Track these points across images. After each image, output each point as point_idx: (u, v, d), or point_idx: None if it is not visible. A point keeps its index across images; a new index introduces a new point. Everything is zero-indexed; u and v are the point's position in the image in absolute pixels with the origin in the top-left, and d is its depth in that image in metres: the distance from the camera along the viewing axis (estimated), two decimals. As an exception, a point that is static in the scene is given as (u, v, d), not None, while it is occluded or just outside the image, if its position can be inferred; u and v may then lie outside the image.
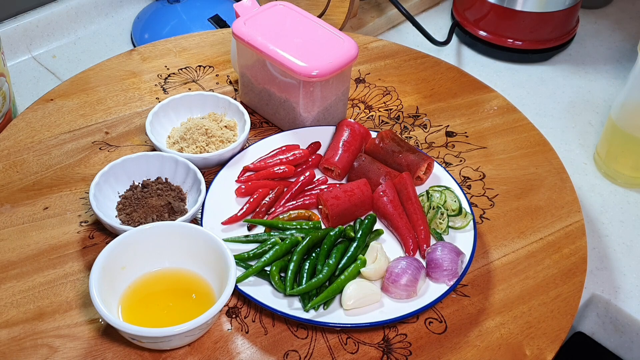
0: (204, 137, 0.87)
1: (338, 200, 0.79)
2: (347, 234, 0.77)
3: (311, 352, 0.70)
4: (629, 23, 1.28)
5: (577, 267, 0.79)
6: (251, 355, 0.70)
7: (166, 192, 0.82)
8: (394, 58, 1.07)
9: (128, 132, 0.93)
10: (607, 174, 0.97)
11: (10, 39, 1.12)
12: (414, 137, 0.94)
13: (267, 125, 0.95)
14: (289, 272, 0.73)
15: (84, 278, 0.76)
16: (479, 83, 1.03)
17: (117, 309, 0.70)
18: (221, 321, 0.73)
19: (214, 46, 1.07)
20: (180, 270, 0.74)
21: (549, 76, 1.15)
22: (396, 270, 0.73)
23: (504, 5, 1.12)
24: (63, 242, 0.79)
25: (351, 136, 0.87)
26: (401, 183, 0.81)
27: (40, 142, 0.91)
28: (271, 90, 0.91)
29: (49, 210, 0.82)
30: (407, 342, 0.71)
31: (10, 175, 0.86)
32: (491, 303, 0.75)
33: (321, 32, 0.89)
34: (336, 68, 0.85)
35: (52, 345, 0.70)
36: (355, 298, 0.72)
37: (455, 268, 0.74)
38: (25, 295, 0.74)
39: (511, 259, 0.80)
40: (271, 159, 0.86)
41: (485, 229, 0.83)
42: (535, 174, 0.90)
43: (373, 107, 0.99)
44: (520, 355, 0.71)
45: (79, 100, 0.97)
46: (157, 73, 1.02)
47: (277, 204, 0.82)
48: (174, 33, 1.13)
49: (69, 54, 1.17)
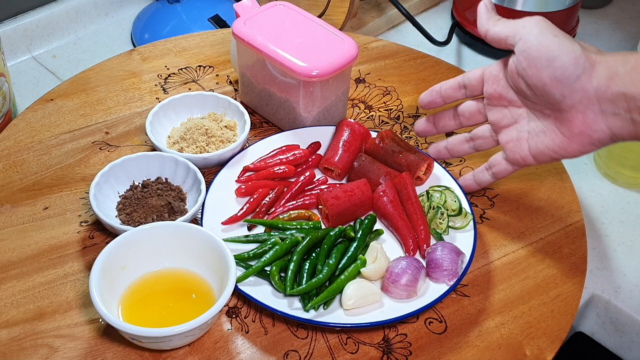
0: (204, 137, 0.88)
1: (338, 200, 0.79)
2: (347, 234, 0.77)
3: (311, 352, 0.70)
4: (629, 23, 1.28)
5: (577, 267, 0.79)
6: (251, 355, 0.70)
7: (166, 192, 0.82)
8: (394, 58, 1.07)
9: (128, 132, 0.93)
10: (607, 174, 0.97)
11: (10, 39, 1.12)
12: (414, 137, 0.94)
13: (267, 125, 0.95)
14: (289, 272, 0.73)
15: (84, 278, 0.76)
16: (479, 83, 1.03)
17: (117, 309, 0.70)
18: (221, 321, 0.73)
19: (214, 46, 1.08)
20: (180, 270, 0.74)
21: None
22: (396, 270, 0.73)
23: (504, 5, 1.12)
24: (63, 242, 0.79)
25: (351, 136, 0.87)
26: (401, 183, 0.81)
27: (40, 142, 0.91)
28: (271, 90, 0.91)
29: (49, 210, 0.82)
30: (407, 342, 0.71)
31: (10, 175, 0.86)
32: (491, 303, 0.75)
33: (321, 32, 0.89)
34: (336, 68, 0.85)
35: (52, 345, 0.70)
36: (355, 298, 0.72)
37: (455, 268, 0.74)
38: (25, 295, 0.74)
39: (511, 259, 0.80)
40: (271, 159, 0.86)
41: (485, 229, 0.83)
42: (535, 174, 0.90)
43: (373, 107, 0.99)
44: (520, 355, 0.71)
45: (79, 100, 0.97)
46: (157, 73, 1.02)
47: (277, 204, 0.82)
48: (174, 33, 1.13)
49: (69, 54, 1.17)
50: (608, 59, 0.68)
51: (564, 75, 0.68)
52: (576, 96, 0.68)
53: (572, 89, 0.68)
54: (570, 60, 0.68)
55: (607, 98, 0.67)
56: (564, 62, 0.68)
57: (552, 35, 0.70)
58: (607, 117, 0.68)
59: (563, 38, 0.70)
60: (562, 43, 0.69)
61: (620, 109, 0.66)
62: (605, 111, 0.68)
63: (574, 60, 0.68)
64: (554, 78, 0.69)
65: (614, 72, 0.66)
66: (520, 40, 0.72)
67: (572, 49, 0.68)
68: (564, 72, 0.68)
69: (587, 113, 0.69)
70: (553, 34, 0.70)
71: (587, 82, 0.68)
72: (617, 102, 0.66)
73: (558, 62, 0.68)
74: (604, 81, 0.67)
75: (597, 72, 0.67)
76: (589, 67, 0.68)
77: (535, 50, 0.70)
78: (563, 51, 0.68)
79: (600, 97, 0.67)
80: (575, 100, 0.69)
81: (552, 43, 0.69)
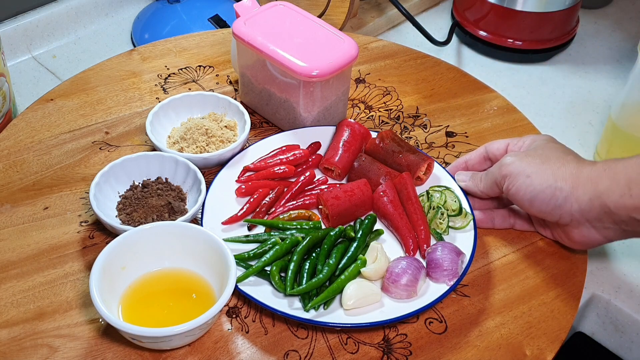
0: (204, 137, 0.88)
1: (338, 200, 0.79)
2: (347, 234, 0.77)
3: (311, 352, 0.70)
4: (629, 23, 1.28)
5: (577, 267, 0.79)
6: (251, 355, 0.70)
7: (166, 192, 0.82)
8: (394, 58, 1.07)
9: (128, 132, 0.93)
10: (607, 174, 0.97)
11: (10, 39, 1.12)
12: (414, 137, 0.94)
13: (267, 125, 0.95)
14: (289, 272, 0.73)
15: (84, 278, 0.76)
16: (479, 83, 1.03)
17: (117, 309, 0.70)
18: (221, 321, 0.73)
19: (214, 46, 1.08)
20: (180, 270, 0.74)
21: (549, 76, 1.15)
22: (396, 270, 0.73)
23: (504, 5, 1.12)
24: (63, 242, 0.79)
25: (351, 136, 0.87)
26: (401, 183, 0.81)
27: (40, 142, 0.91)
28: (271, 90, 0.91)
29: (49, 210, 0.82)
30: (407, 342, 0.71)
31: (10, 175, 0.86)
32: (491, 303, 0.75)
33: (321, 32, 0.89)
34: (336, 68, 0.85)
35: (52, 345, 0.70)
36: (355, 298, 0.72)
37: (455, 268, 0.74)
38: (25, 295, 0.74)
39: (511, 259, 0.80)
40: (271, 159, 0.86)
41: (485, 229, 0.83)
42: (535, 174, 0.89)
43: (373, 107, 0.99)
44: (520, 355, 0.71)
45: (79, 100, 0.97)
46: (157, 73, 1.02)
47: (277, 204, 0.82)
48: (174, 33, 1.13)
49: (69, 54, 1.17)
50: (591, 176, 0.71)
51: (547, 209, 0.74)
52: (566, 219, 0.74)
53: (560, 215, 0.74)
54: (547, 197, 0.73)
55: (593, 218, 0.72)
56: (543, 200, 0.73)
57: (525, 177, 0.74)
58: (599, 230, 0.73)
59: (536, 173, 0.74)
60: (536, 180, 0.73)
61: (609, 224, 0.72)
62: (596, 227, 0.73)
63: (550, 195, 0.73)
64: (541, 212, 0.75)
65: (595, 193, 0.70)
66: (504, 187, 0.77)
67: (547, 183, 0.73)
68: (546, 208, 0.74)
69: (581, 229, 0.74)
70: (525, 175, 0.74)
71: (570, 207, 0.72)
72: (604, 220, 0.72)
73: (537, 201, 0.74)
74: (587, 204, 0.71)
75: (578, 195, 0.72)
76: (569, 193, 0.72)
77: (514, 194, 0.75)
78: (538, 190, 0.73)
79: (587, 217, 0.72)
80: (567, 221, 0.74)
81: (527, 186, 0.74)
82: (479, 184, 0.80)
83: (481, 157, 0.84)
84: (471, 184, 0.82)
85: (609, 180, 0.69)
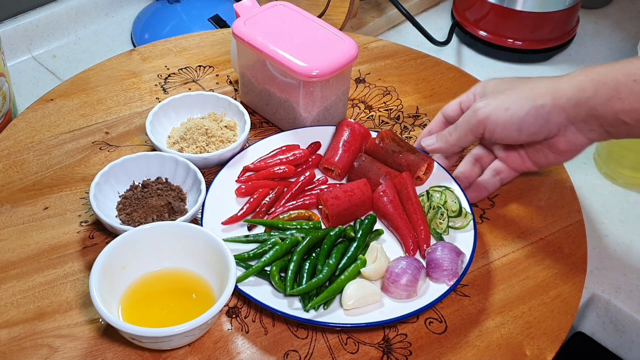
0: (204, 137, 0.88)
1: (338, 200, 0.79)
2: (347, 234, 0.77)
3: (311, 352, 0.70)
4: (629, 23, 1.28)
5: (577, 267, 0.79)
6: (251, 355, 0.70)
7: (166, 192, 0.82)
8: (394, 58, 1.07)
9: (128, 132, 0.93)
10: (607, 174, 0.97)
11: (10, 39, 1.12)
12: (414, 137, 0.94)
13: (267, 125, 0.95)
14: (289, 272, 0.73)
15: (84, 278, 0.76)
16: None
17: (117, 309, 0.70)
18: (221, 321, 0.73)
19: (214, 46, 1.08)
20: (180, 270, 0.74)
21: (549, 76, 1.15)
22: (396, 270, 0.73)
23: (504, 5, 1.12)
24: (63, 242, 0.79)
25: (351, 136, 0.87)
26: (401, 183, 0.81)
27: (40, 142, 0.91)
28: (271, 90, 0.91)
29: (49, 210, 0.82)
30: (407, 342, 0.71)
31: (10, 175, 0.86)
32: (491, 303, 0.75)
33: (321, 32, 0.89)
34: (336, 68, 0.85)
35: (52, 345, 0.70)
36: (355, 298, 0.72)
37: (455, 268, 0.74)
38: (25, 295, 0.74)
39: (511, 259, 0.80)
40: (271, 159, 0.86)
41: (485, 229, 0.83)
42: (535, 174, 0.90)
43: (373, 107, 0.99)
44: (520, 355, 0.71)
45: (79, 100, 0.97)
46: (157, 73, 1.02)
47: (277, 204, 0.82)
48: (174, 33, 1.13)
49: (69, 54, 1.17)
50: (573, 84, 0.73)
51: (536, 130, 0.76)
52: (554, 130, 0.76)
53: (549, 129, 0.76)
54: (532, 118, 0.75)
55: (579, 121, 0.74)
56: (530, 122, 0.75)
57: (504, 111, 0.76)
58: (584, 132, 0.75)
59: (514, 103, 0.76)
60: (516, 109, 0.75)
61: (594, 126, 0.74)
62: (581, 129, 0.75)
63: (535, 114, 0.75)
64: (531, 135, 0.77)
65: (581, 99, 0.72)
66: (485, 130, 0.78)
67: (528, 105, 0.75)
68: (534, 129, 0.76)
69: (567, 135, 0.76)
70: (504, 109, 0.76)
71: (557, 118, 0.75)
72: (590, 122, 0.74)
73: (525, 126, 0.76)
74: (573, 110, 0.73)
75: (562, 104, 0.74)
76: (552, 106, 0.74)
77: (501, 132, 0.77)
78: (522, 115, 0.75)
79: (574, 121, 0.75)
80: (554, 132, 0.76)
81: (511, 117, 0.76)
82: (449, 138, 0.82)
83: (441, 123, 0.86)
84: (440, 143, 0.83)
85: (595, 84, 0.71)
